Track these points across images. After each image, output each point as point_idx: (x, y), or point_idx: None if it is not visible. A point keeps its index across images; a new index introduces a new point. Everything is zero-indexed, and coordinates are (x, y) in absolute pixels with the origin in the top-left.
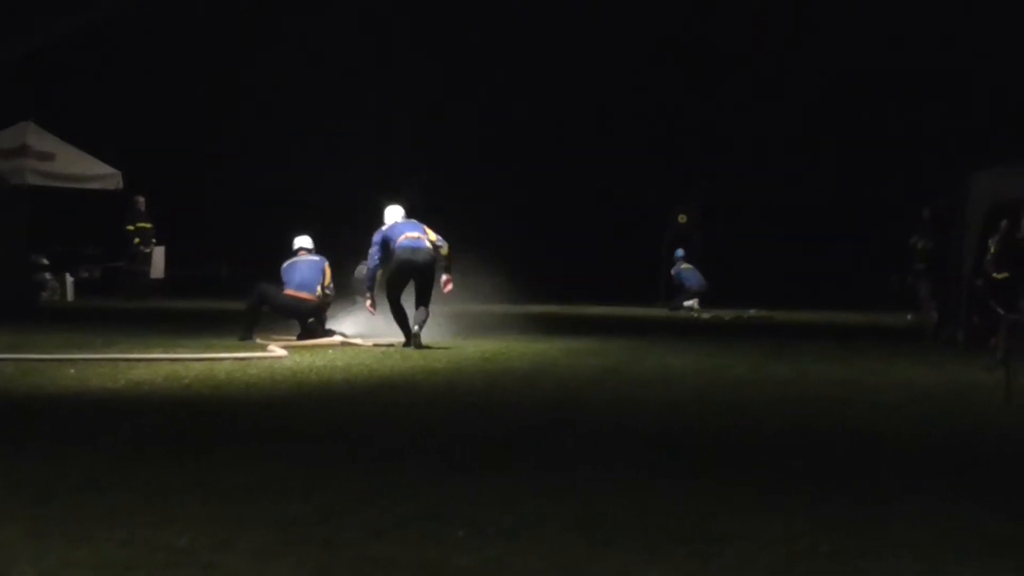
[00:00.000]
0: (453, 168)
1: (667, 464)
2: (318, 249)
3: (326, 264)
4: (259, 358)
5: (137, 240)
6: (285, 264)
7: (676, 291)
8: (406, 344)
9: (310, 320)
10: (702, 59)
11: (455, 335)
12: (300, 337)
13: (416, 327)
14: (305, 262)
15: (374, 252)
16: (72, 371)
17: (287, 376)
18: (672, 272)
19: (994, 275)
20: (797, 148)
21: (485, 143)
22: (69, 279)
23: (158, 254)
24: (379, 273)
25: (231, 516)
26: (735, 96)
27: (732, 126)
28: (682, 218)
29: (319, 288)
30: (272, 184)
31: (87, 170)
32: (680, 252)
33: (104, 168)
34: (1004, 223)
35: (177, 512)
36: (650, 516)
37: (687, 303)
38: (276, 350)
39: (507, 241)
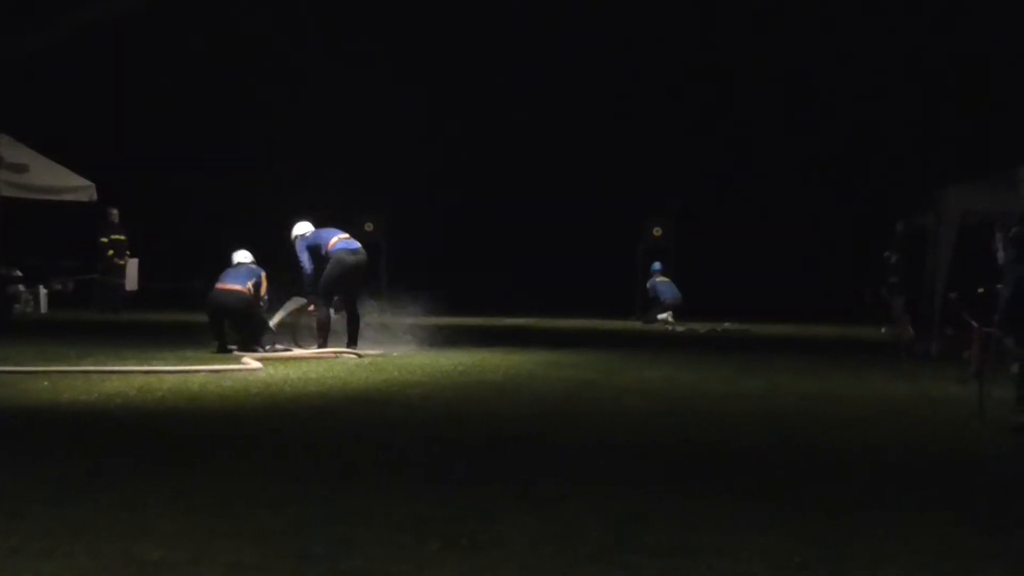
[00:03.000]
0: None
1: (642, 477)
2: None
3: (263, 274)
4: (233, 370)
5: (111, 252)
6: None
7: (651, 304)
8: (350, 348)
9: (247, 322)
10: (674, 71)
11: (431, 348)
12: (242, 346)
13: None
14: (240, 267)
15: (305, 260)
16: (46, 383)
17: (261, 389)
18: (648, 285)
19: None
20: (772, 162)
21: (460, 155)
22: (43, 291)
23: (132, 266)
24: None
25: (205, 529)
26: (710, 109)
27: (707, 140)
28: (656, 231)
29: (250, 284)
30: (248, 197)
31: (61, 182)
32: (657, 265)
33: (78, 180)
34: (981, 236)
35: (151, 525)
36: (624, 529)
37: (661, 316)
38: (251, 362)
39: (483, 254)
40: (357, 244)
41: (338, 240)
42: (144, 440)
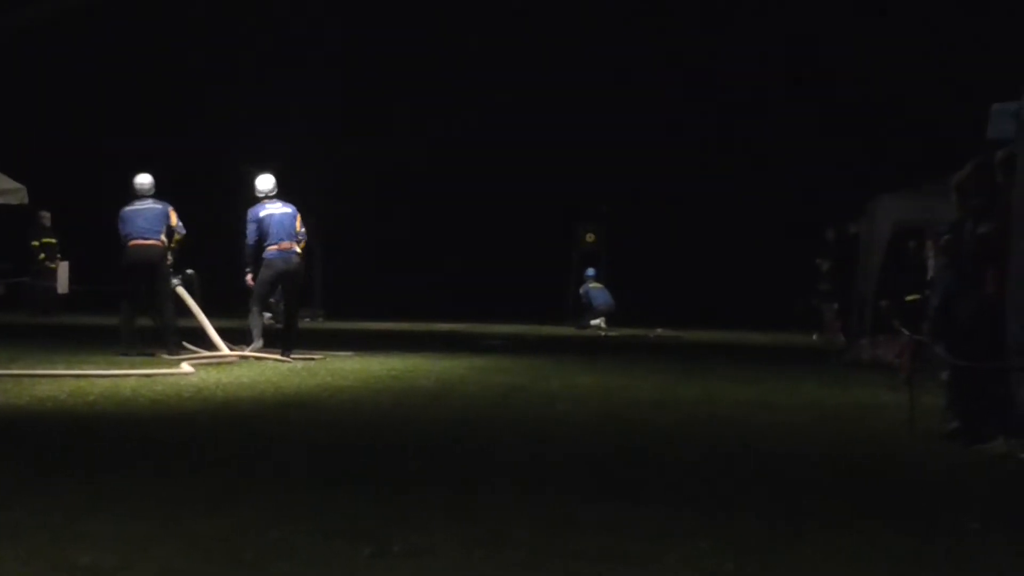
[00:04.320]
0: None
1: (573, 484)
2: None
3: (170, 208)
4: (165, 375)
5: (42, 256)
6: (124, 210)
7: (584, 310)
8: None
9: (161, 288)
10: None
11: (361, 353)
12: (155, 314)
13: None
14: (144, 210)
15: (251, 231)
16: None
17: (193, 393)
18: (581, 291)
19: (906, 298)
20: (704, 168)
21: (392, 160)
22: None
23: (63, 269)
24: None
25: (136, 534)
26: (641, 114)
27: (639, 144)
28: (590, 237)
29: (162, 235)
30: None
31: None
32: (591, 271)
33: (9, 183)
34: (912, 244)
35: (81, 530)
36: (555, 536)
37: (594, 322)
38: (185, 367)
39: (416, 259)
40: (291, 252)
41: (277, 248)
42: (76, 444)
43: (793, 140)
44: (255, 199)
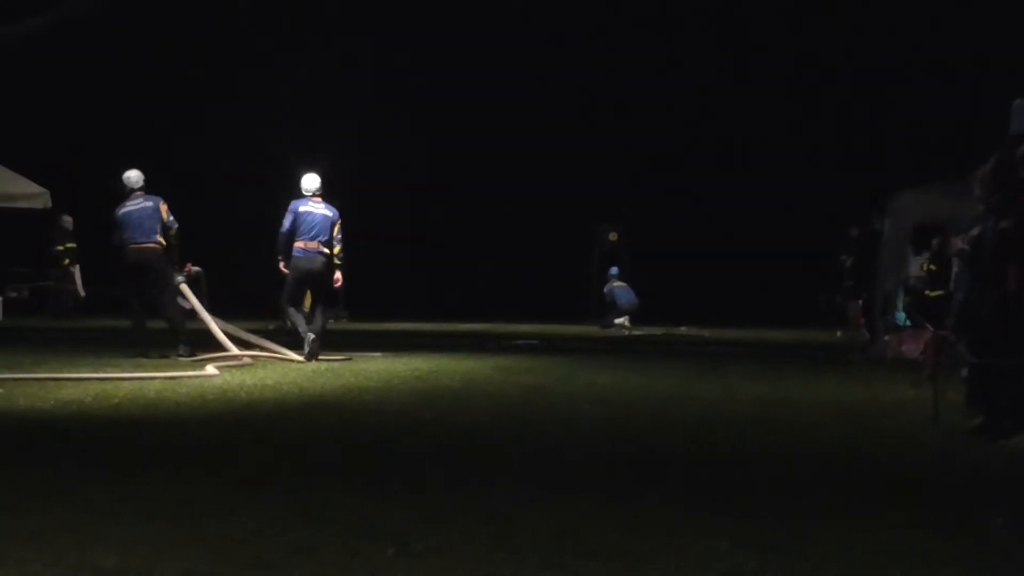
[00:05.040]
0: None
1: (594, 483)
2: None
3: (161, 203)
4: (190, 377)
5: (67, 261)
6: (119, 212)
7: (608, 309)
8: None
9: (162, 289)
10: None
11: (386, 352)
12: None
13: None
14: (137, 210)
15: (287, 222)
16: (0, 391)
17: (217, 395)
18: (605, 290)
19: (927, 293)
20: (727, 167)
21: (416, 161)
22: None
23: (76, 273)
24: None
25: (160, 536)
26: (665, 113)
27: (660, 143)
28: (612, 236)
29: (158, 235)
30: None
31: (14, 189)
32: (614, 270)
33: (32, 187)
34: (936, 241)
35: (106, 532)
36: (574, 536)
37: (618, 321)
38: (209, 369)
39: (440, 260)
40: (316, 252)
41: (303, 246)
42: (100, 447)
43: (816, 136)
44: (298, 195)
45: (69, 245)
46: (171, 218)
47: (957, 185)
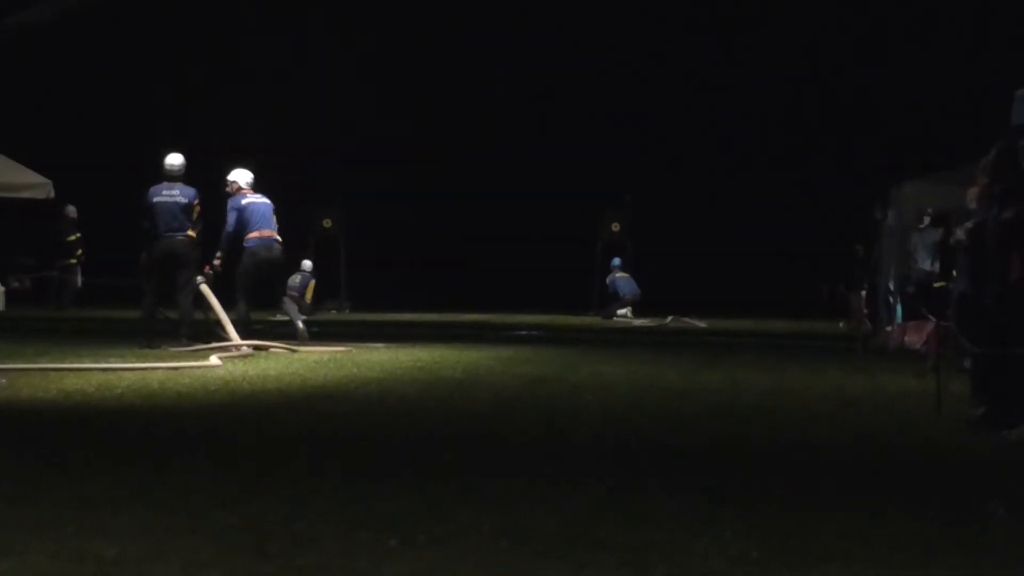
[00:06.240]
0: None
1: (596, 473)
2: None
3: (196, 200)
4: (192, 367)
5: (80, 251)
6: (153, 199)
7: (610, 300)
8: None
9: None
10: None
11: (389, 344)
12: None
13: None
14: (171, 202)
15: (231, 220)
16: (3, 381)
17: (220, 386)
18: (607, 280)
19: (933, 284)
20: (729, 157)
21: (418, 150)
22: (0, 288)
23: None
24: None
25: (161, 526)
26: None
27: (663, 132)
28: (615, 226)
29: (189, 229)
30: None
31: (17, 179)
32: (617, 261)
33: (35, 177)
34: (939, 232)
35: (108, 522)
36: (580, 525)
37: (621, 311)
38: (213, 359)
39: (441, 250)
40: (273, 240)
41: (259, 235)
42: (102, 437)
43: (818, 128)
44: (234, 192)
45: (76, 236)
46: (199, 219)
47: (960, 175)
